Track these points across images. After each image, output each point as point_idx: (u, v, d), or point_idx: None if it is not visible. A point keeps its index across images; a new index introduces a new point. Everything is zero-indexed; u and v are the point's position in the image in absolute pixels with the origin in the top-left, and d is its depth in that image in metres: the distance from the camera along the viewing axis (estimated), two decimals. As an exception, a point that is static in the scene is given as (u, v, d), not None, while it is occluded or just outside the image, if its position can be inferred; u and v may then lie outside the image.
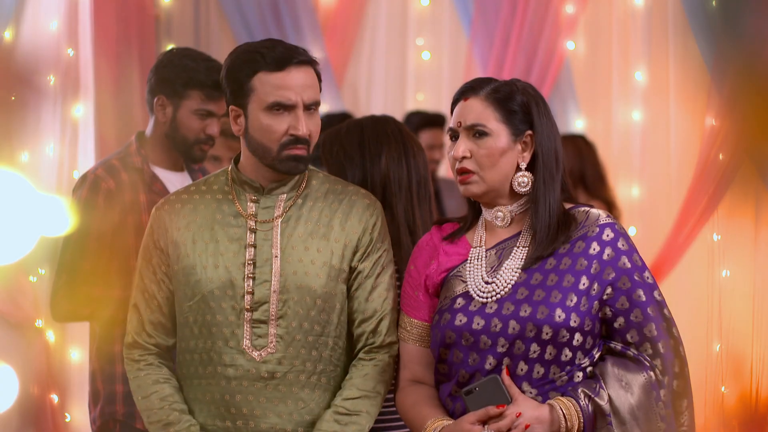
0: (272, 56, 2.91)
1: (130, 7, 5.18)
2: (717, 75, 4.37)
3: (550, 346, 2.71)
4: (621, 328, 2.75)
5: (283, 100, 2.91)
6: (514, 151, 2.81)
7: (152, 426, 2.97)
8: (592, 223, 2.79)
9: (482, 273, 2.81)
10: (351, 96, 6.73)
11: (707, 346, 4.41)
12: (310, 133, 2.94)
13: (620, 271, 2.75)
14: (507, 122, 2.80)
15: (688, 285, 4.95)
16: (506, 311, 2.74)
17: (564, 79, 6.15)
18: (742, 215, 4.38)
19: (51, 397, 4.33)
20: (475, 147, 2.80)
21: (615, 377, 2.70)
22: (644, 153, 5.67)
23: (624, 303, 2.74)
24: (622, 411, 2.68)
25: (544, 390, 2.72)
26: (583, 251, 2.76)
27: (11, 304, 4.30)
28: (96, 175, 3.76)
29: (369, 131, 3.31)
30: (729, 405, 4.32)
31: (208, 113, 3.82)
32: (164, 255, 3.02)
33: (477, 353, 2.75)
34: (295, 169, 2.95)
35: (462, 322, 2.77)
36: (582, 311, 2.71)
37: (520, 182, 2.80)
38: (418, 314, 2.93)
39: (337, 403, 2.94)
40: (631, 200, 5.71)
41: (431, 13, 6.76)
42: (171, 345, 3.06)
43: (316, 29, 6.41)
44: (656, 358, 2.73)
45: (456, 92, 2.88)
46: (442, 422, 2.77)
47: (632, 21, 5.77)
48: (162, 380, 3.00)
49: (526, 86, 2.85)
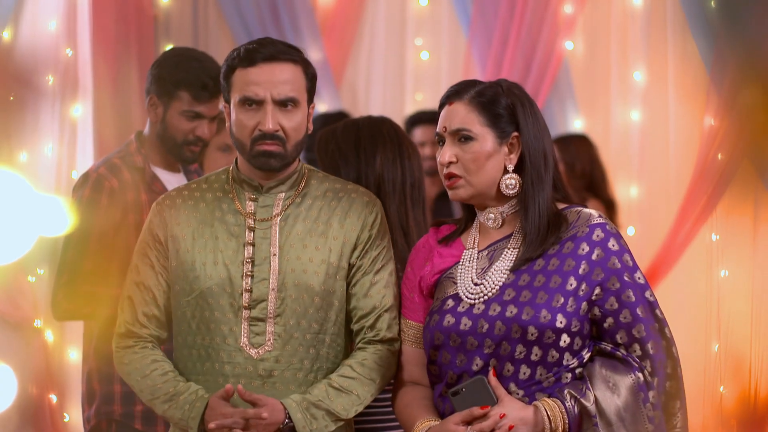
0: (247, 52, 2.93)
1: (129, 8, 5.18)
2: (716, 75, 4.37)
3: (536, 347, 2.71)
4: (610, 329, 2.74)
5: (251, 95, 2.92)
6: (500, 154, 2.80)
7: (156, 402, 2.95)
8: (582, 223, 2.78)
9: (472, 275, 2.82)
10: (349, 96, 6.73)
11: (706, 346, 4.41)
12: (284, 130, 2.93)
13: (609, 272, 2.74)
14: (492, 126, 2.79)
15: (687, 285, 4.95)
16: (493, 312, 2.74)
17: (562, 79, 6.14)
18: (741, 215, 4.38)
19: (49, 397, 4.33)
20: (460, 152, 2.80)
21: (602, 378, 2.70)
22: (643, 153, 5.67)
23: (613, 304, 2.73)
24: (609, 412, 2.67)
25: (531, 391, 2.72)
26: (571, 252, 2.75)
27: (10, 304, 4.30)
28: (99, 174, 3.76)
29: (365, 131, 3.31)
30: (727, 405, 4.32)
31: (196, 115, 3.81)
32: (163, 248, 3.02)
33: (464, 354, 2.76)
34: (266, 164, 2.95)
35: (450, 323, 2.78)
36: (569, 312, 2.70)
37: (508, 184, 2.80)
38: (413, 316, 2.94)
39: (332, 377, 2.94)
40: (630, 200, 5.72)
41: (430, 13, 6.76)
42: (164, 338, 3.06)
43: (315, 29, 6.41)
44: (645, 359, 2.72)
45: (442, 96, 2.87)
46: (429, 423, 2.78)
47: (631, 21, 5.77)
48: (160, 359, 3.00)
49: (511, 87, 2.84)
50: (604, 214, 2.86)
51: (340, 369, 2.96)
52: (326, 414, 2.90)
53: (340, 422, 2.94)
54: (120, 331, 3.05)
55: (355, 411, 2.94)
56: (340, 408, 2.91)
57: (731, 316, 4.36)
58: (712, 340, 4.40)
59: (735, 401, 4.30)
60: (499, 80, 2.87)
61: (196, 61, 3.83)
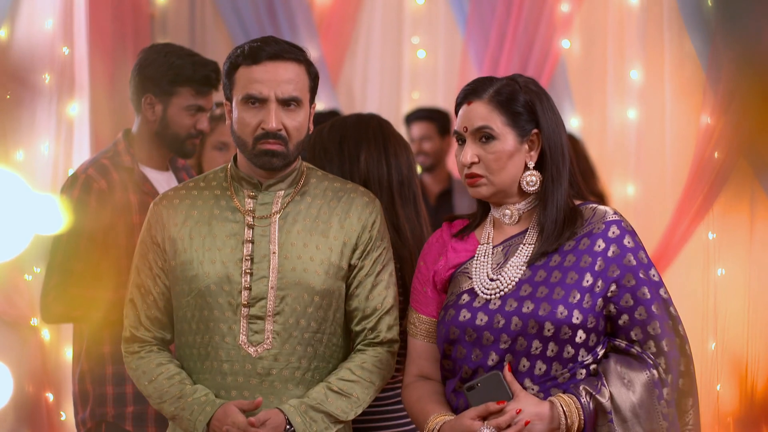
0: (251, 50, 2.93)
1: (125, 6, 5.18)
2: (712, 73, 4.37)
3: (552, 343, 2.71)
4: (625, 326, 2.74)
5: (255, 93, 2.91)
6: (521, 152, 2.81)
7: (165, 405, 2.95)
8: (598, 220, 2.79)
9: (488, 270, 2.82)
10: (346, 94, 6.74)
11: (702, 345, 4.41)
12: (286, 129, 2.93)
13: (625, 269, 2.75)
14: (513, 124, 2.79)
15: (684, 283, 4.94)
16: (509, 308, 2.74)
17: (559, 77, 6.15)
18: (738, 213, 4.39)
19: (46, 396, 4.33)
20: (482, 152, 2.80)
21: (617, 375, 2.70)
22: (639, 151, 5.67)
23: (628, 300, 2.74)
24: (624, 409, 2.68)
25: (546, 387, 2.72)
26: (587, 248, 2.76)
27: (6, 302, 4.30)
28: (87, 175, 3.72)
29: (350, 131, 3.29)
30: (724, 403, 4.33)
31: (198, 108, 3.81)
32: (161, 251, 3.02)
33: (480, 349, 2.75)
34: (268, 163, 2.94)
35: (465, 318, 2.78)
36: (585, 308, 2.71)
37: (529, 182, 2.81)
38: (426, 310, 2.93)
39: (330, 380, 2.94)
40: (626, 198, 5.72)
41: (426, 12, 6.76)
42: (168, 339, 3.06)
43: (312, 28, 6.41)
44: (660, 357, 2.73)
45: (458, 95, 2.86)
46: (443, 417, 2.77)
47: (627, 19, 5.77)
48: (165, 361, 3.00)
49: (528, 82, 2.84)
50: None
51: (339, 371, 2.96)
52: (325, 416, 2.90)
53: (339, 425, 2.94)
54: (125, 335, 3.05)
55: (354, 413, 2.94)
56: (339, 411, 2.91)
57: (728, 314, 4.37)
58: (709, 339, 4.40)
59: (731, 399, 4.31)
60: (514, 76, 2.86)
61: (188, 56, 3.82)
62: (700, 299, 4.50)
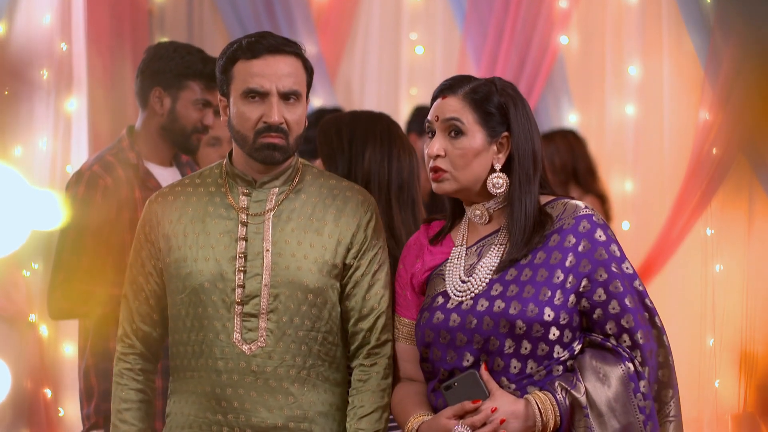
0: (250, 44, 2.93)
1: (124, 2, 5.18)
2: (710, 69, 4.37)
3: (525, 341, 2.71)
4: (599, 320, 2.74)
5: (257, 87, 2.91)
6: (488, 153, 2.80)
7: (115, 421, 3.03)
8: (568, 215, 2.78)
9: (460, 272, 2.82)
10: (344, 91, 6.73)
11: (701, 341, 4.42)
12: (287, 123, 2.93)
13: (597, 263, 2.74)
14: (483, 123, 2.80)
15: (682, 279, 4.95)
16: (481, 307, 2.74)
17: (557, 73, 6.14)
18: (736, 209, 4.39)
19: (44, 392, 4.33)
20: (450, 146, 2.80)
21: (592, 369, 2.70)
22: (637, 147, 5.68)
23: (601, 295, 2.73)
24: (599, 403, 2.68)
25: (522, 385, 2.72)
26: (557, 244, 2.75)
27: (4, 298, 4.30)
28: (93, 171, 3.75)
29: (360, 127, 3.30)
30: (723, 398, 4.33)
31: (205, 103, 3.85)
32: (154, 249, 3.01)
33: (454, 350, 2.76)
34: (270, 157, 2.94)
35: (439, 319, 2.78)
36: (557, 305, 2.71)
37: (495, 184, 2.80)
38: (406, 313, 2.94)
39: (353, 427, 2.93)
40: (625, 195, 5.72)
41: (424, 8, 6.75)
42: (158, 337, 3.06)
43: (310, 24, 6.41)
44: (635, 349, 2.73)
45: (435, 89, 2.87)
46: (422, 418, 2.79)
47: (626, 16, 5.77)
48: (133, 398, 3.03)
49: (505, 86, 2.84)
50: (594, 207, 2.85)
51: (357, 408, 2.94)
52: None
53: None
54: (119, 332, 3.07)
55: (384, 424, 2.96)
56: None
57: (726, 310, 4.37)
58: (707, 335, 4.40)
59: (730, 395, 4.31)
60: (493, 78, 2.87)
61: (198, 52, 3.87)
62: (698, 295, 4.50)
